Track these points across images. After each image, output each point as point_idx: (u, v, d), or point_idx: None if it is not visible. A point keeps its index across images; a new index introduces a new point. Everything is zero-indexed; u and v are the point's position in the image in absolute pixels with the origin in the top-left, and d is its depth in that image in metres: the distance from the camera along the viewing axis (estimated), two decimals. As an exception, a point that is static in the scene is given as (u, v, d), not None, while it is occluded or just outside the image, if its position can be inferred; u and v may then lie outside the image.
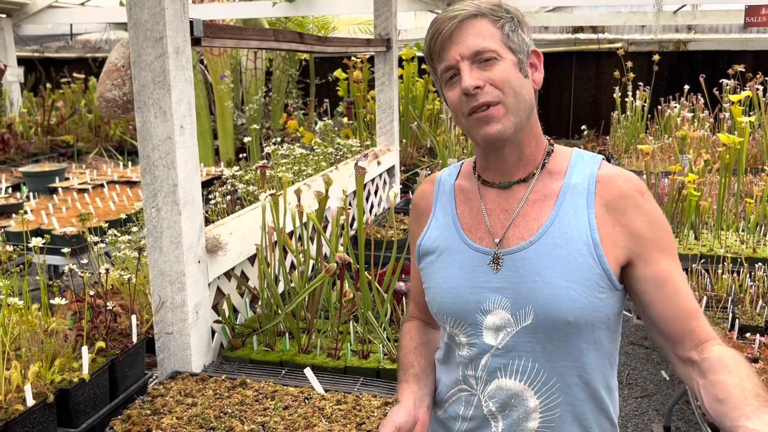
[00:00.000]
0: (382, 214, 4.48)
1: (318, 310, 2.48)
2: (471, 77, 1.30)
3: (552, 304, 1.31)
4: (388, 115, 4.77)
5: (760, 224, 3.81)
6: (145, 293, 2.56)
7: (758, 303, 2.80)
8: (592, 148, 7.53)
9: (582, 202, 1.35)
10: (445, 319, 1.43)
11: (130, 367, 2.13)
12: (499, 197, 1.42)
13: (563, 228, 1.33)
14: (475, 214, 1.44)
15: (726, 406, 1.17)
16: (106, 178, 5.61)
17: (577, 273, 1.30)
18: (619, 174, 1.38)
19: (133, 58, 2.10)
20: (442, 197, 1.51)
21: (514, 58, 1.34)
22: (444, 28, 1.33)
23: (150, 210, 2.18)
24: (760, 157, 5.59)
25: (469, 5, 1.35)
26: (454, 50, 1.32)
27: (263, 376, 2.19)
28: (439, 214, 1.50)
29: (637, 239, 1.33)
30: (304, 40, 3.19)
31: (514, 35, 1.35)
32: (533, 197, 1.39)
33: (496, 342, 1.36)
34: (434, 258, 1.46)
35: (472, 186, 1.47)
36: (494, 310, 1.36)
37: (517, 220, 1.38)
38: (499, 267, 1.37)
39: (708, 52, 9.03)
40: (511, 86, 1.32)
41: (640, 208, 1.34)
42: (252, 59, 7.67)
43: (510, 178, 1.41)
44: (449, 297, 1.41)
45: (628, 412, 3.84)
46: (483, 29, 1.33)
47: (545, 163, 1.41)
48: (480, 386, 1.40)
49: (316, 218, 2.54)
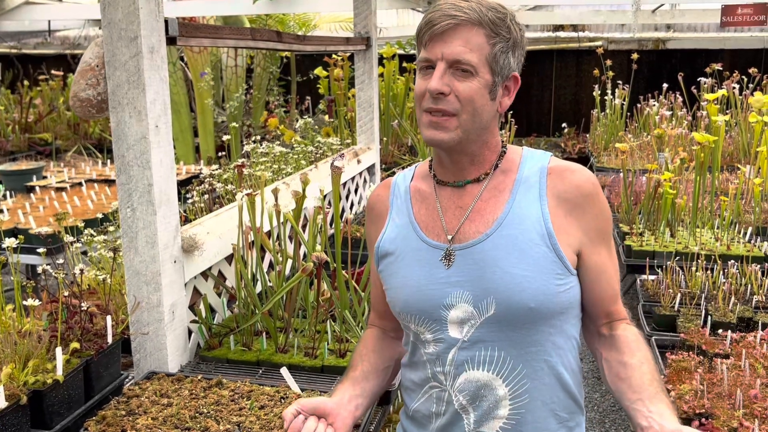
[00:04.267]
0: (362, 213, 4.49)
1: (295, 309, 2.48)
2: (439, 82, 1.33)
3: (512, 293, 1.35)
4: (369, 114, 4.78)
5: (734, 222, 3.87)
6: (121, 293, 2.55)
7: (731, 300, 2.85)
8: (573, 146, 7.59)
9: (534, 193, 1.39)
10: (409, 318, 1.45)
11: (106, 368, 2.12)
12: (453, 195, 1.46)
13: (518, 219, 1.38)
14: (431, 213, 1.47)
15: (626, 386, 1.37)
16: (85, 176, 5.56)
17: (534, 261, 1.35)
18: (568, 167, 1.44)
19: (107, 57, 2.09)
20: (397, 200, 1.54)
21: (489, 79, 1.35)
22: (439, 23, 1.33)
23: (125, 210, 2.17)
24: (735, 155, 5.67)
25: (475, 8, 1.33)
26: (439, 48, 1.33)
27: (240, 376, 2.19)
28: (395, 216, 1.52)
29: (585, 230, 1.40)
30: (282, 38, 3.18)
31: (501, 57, 1.35)
32: (486, 194, 1.43)
33: (461, 335, 1.39)
34: (393, 259, 1.48)
35: (427, 186, 1.51)
36: (457, 304, 1.39)
37: (472, 215, 1.42)
38: (450, 263, 1.40)
39: (686, 50, 9.13)
40: (472, 105, 1.34)
41: (589, 201, 1.40)
42: (233, 56, 7.63)
43: (464, 177, 1.45)
44: (411, 295, 1.44)
45: (606, 408, 3.88)
46: (475, 40, 1.33)
47: (498, 165, 1.45)
48: (449, 381, 1.42)
49: (293, 218, 2.54)
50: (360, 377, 1.55)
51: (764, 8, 5.66)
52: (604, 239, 1.44)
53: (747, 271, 3.06)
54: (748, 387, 2.14)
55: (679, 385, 2.23)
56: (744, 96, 6.15)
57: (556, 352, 1.39)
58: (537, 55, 9.35)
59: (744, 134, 5.64)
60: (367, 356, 1.60)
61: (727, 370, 2.24)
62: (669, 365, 2.39)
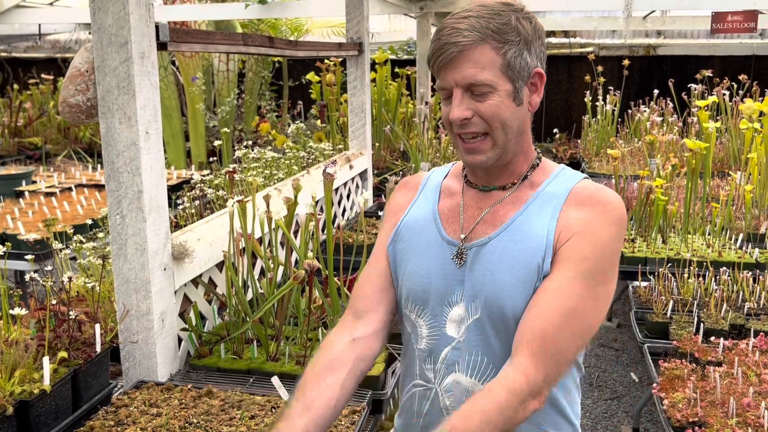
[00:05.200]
0: (354, 219, 4.47)
1: (287, 317, 2.46)
2: (460, 109, 1.33)
3: (495, 299, 1.35)
4: (361, 119, 4.77)
5: (725, 228, 3.88)
6: (111, 301, 2.52)
7: (723, 307, 2.85)
8: (564, 151, 7.60)
9: (548, 207, 1.38)
10: (413, 307, 1.46)
11: (94, 377, 2.09)
12: (477, 196, 1.47)
13: (522, 227, 1.37)
14: (453, 209, 1.48)
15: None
16: (75, 181, 5.52)
17: (524, 272, 1.34)
18: (598, 187, 1.41)
19: (97, 62, 2.07)
20: (428, 190, 1.56)
21: (510, 88, 1.33)
22: (445, 52, 1.32)
23: (114, 217, 2.15)
24: (726, 161, 5.69)
25: (474, 26, 1.30)
26: (451, 76, 1.34)
27: (231, 385, 2.16)
28: (421, 202, 1.54)
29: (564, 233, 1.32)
30: (274, 44, 3.17)
31: (516, 60, 1.33)
32: (507, 200, 1.43)
33: (458, 335, 1.40)
34: (408, 244, 1.49)
35: (457, 184, 1.53)
36: (459, 303, 1.40)
37: (486, 217, 1.43)
38: (461, 261, 1.41)
39: (677, 57, 9.17)
40: (499, 120, 1.34)
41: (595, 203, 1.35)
42: (224, 61, 7.61)
43: (492, 183, 1.46)
44: (421, 284, 1.44)
45: (598, 414, 3.87)
46: (483, 58, 1.31)
47: (527, 176, 1.45)
48: (438, 379, 1.42)
49: (284, 224, 2.52)
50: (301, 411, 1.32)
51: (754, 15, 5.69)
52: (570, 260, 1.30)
53: (739, 277, 3.06)
54: (741, 395, 2.14)
55: (672, 393, 2.23)
56: (734, 102, 6.18)
57: None
58: (529, 60, 9.35)
59: (735, 141, 5.66)
60: (319, 376, 1.38)
61: (720, 378, 2.24)
62: (662, 373, 2.38)
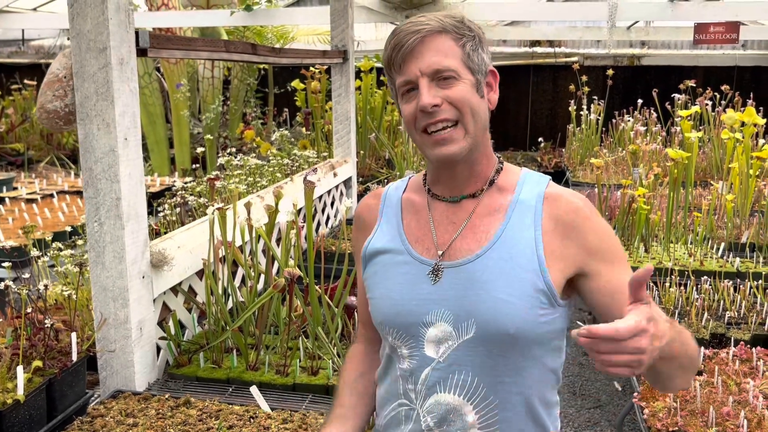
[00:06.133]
0: (338, 226, 4.46)
1: (267, 325, 2.44)
2: (429, 95, 1.30)
3: (494, 318, 1.31)
4: (345, 127, 4.76)
5: (707, 237, 3.90)
6: (89, 309, 2.49)
7: (704, 316, 2.86)
8: (549, 160, 7.64)
9: (529, 219, 1.36)
10: (388, 331, 1.42)
11: (70, 387, 2.06)
12: (447, 210, 1.42)
13: (510, 243, 1.34)
14: (422, 226, 1.43)
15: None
16: (57, 187, 5.47)
17: (520, 288, 1.31)
18: (566, 191, 1.41)
19: (76, 68, 2.04)
20: (388, 210, 1.50)
21: (473, 79, 1.34)
22: (406, 42, 1.31)
23: (92, 224, 2.12)
24: (708, 171, 5.73)
25: (433, 20, 1.33)
26: (415, 65, 1.31)
27: (209, 394, 2.14)
28: (384, 226, 1.49)
29: (587, 253, 1.34)
30: (258, 51, 3.16)
31: (474, 54, 1.34)
32: (482, 211, 1.40)
33: (437, 355, 1.36)
34: (378, 269, 1.45)
35: (421, 199, 1.47)
36: (436, 323, 1.36)
37: (465, 232, 1.38)
38: (437, 279, 1.37)
39: (661, 67, 9.26)
40: (469, 105, 1.32)
41: (588, 221, 1.36)
42: (209, 68, 7.58)
43: (460, 192, 1.42)
44: (393, 309, 1.40)
45: (581, 423, 3.87)
46: (445, 46, 1.31)
47: (494, 180, 1.42)
48: (419, 400, 1.39)
49: (265, 232, 2.50)
50: (349, 413, 1.50)
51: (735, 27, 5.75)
52: (610, 261, 1.34)
53: (720, 287, 3.07)
54: (720, 404, 2.14)
55: (652, 402, 2.23)
56: (717, 112, 6.23)
57: (532, 386, 1.35)
58: (514, 70, 9.42)
59: (717, 150, 5.71)
60: (354, 385, 1.54)
61: (700, 387, 2.24)
62: (642, 382, 2.38)
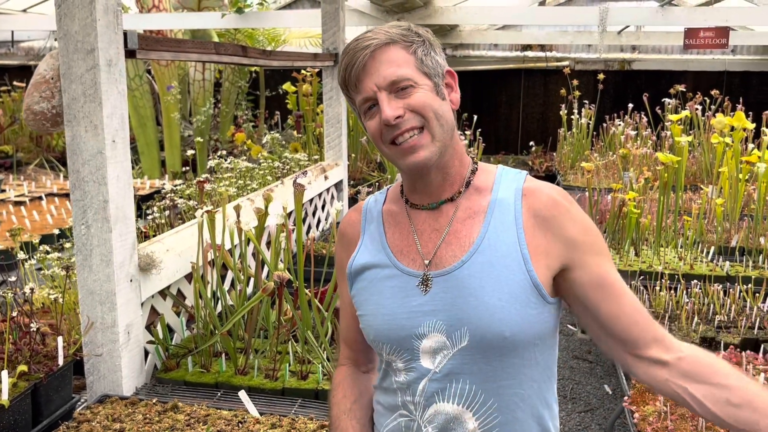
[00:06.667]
0: (329, 230, 4.44)
1: (256, 329, 2.43)
2: (390, 107, 1.30)
3: (487, 324, 1.29)
4: (336, 130, 4.75)
5: (697, 241, 3.91)
6: (76, 312, 2.47)
7: (694, 319, 2.86)
8: (540, 164, 7.65)
9: (510, 217, 1.35)
10: (382, 347, 1.40)
11: (56, 391, 2.04)
12: (429, 218, 1.41)
13: (493, 245, 1.33)
14: (405, 236, 1.42)
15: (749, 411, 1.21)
16: (46, 190, 5.43)
17: (509, 290, 1.30)
18: (543, 185, 1.40)
19: (63, 70, 2.03)
20: (370, 225, 1.49)
21: (430, 83, 1.33)
22: (357, 59, 1.31)
23: (79, 227, 2.10)
24: (698, 175, 5.75)
25: (380, 32, 1.33)
26: (370, 81, 1.31)
27: (197, 399, 2.12)
28: (367, 240, 1.47)
29: (570, 245, 1.33)
30: (248, 53, 3.14)
31: (427, 59, 1.34)
32: (462, 215, 1.38)
33: (433, 366, 1.34)
34: (366, 285, 1.43)
35: (400, 209, 1.46)
36: (429, 334, 1.34)
37: (449, 238, 1.37)
38: (427, 289, 1.35)
39: (651, 71, 9.30)
40: (432, 109, 1.32)
41: (569, 213, 1.35)
42: (200, 70, 7.56)
43: (437, 198, 1.40)
44: (384, 324, 1.38)
45: (572, 426, 3.87)
46: (397, 56, 1.31)
47: (470, 181, 1.41)
48: (419, 412, 1.37)
49: (254, 236, 2.49)
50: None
51: (725, 32, 5.79)
52: (595, 252, 1.33)
53: (709, 290, 3.08)
54: (710, 408, 2.14)
55: (642, 406, 2.22)
56: (706, 117, 6.26)
57: (530, 386, 1.35)
58: (505, 74, 9.43)
59: (706, 155, 5.73)
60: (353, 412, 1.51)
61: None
62: (633, 386, 2.38)
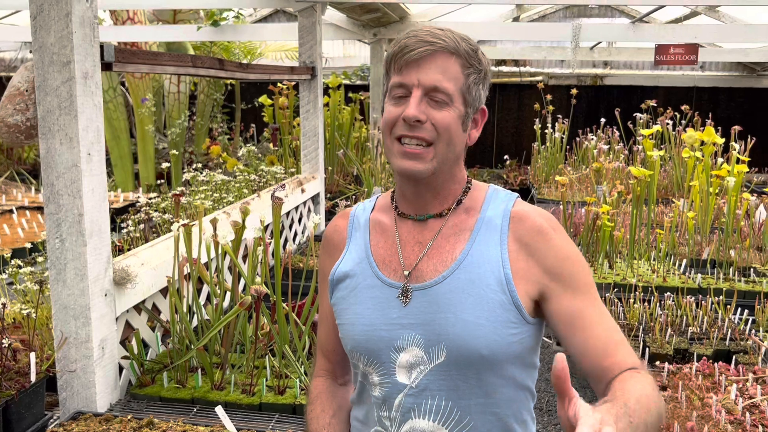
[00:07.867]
0: (306, 243, 4.43)
1: (233, 344, 2.41)
2: (417, 108, 1.28)
3: (464, 341, 1.29)
4: (313, 143, 4.75)
5: (669, 254, 3.97)
6: (49, 328, 2.43)
7: (667, 331, 2.90)
8: (515, 177, 7.71)
9: (495, 237, 1.35)
10: (359, 357, 1.39)
11: (28, 408, 2.00)
12: (414, 229, 1.40)
13: (476, 263, 1.33)
14: (389, 247, 1.41)
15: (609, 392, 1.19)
16: (16, 203, 5.34)
17: (488, 308, 1.29)
18: (532, 210, 1.39)
19: (38, 82, 2.00)
20: (356, 232, 1.48)
21: (463, 110, 1.32)
22: (417, 48, 1.28)
23: (53, 240, 2.07)
24: (670, 189, 5.85)
25: (449, 38, 1.30)
26: (415, 74, 1.29)
27: (173, 415, 2.09)
28: (352, 248, 1.46)
29: (549, 275, 1.32)
30: (225, 66, 3.14)
31: (474, 88, 1.33)
32: (447, 231, 1.38)
33: (409, 381, 1.33)
34: (347, 293, 1.42)
35: (388, 218, 1.45)
36: (408, 348, 1.33)
37: (431, 252, 1.36)
38: (407, 300, 1.34)
39: (623, 87, 9.45)
40: (449, 134, 1.31)
41: (550, 242, 1.34)
42: (175, 83, 7.52)
43: (425, 211, 1.40)
44: (363, 335, 1.37)
45: (548, 439, 3.88)
46: (451, 69, 1.30)
47: (461, 200, 1.40)
48: (394, 427, 1.35)
49: (231, 249, 2.47)
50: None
51: (694, 48, 5.91)
52: (571, 286, 1.31)
53: (682, 302, 3.13)
54: (684, 419, 2.17)
55: (618, 418, 2.24)
56: (677, 132, 6.38)
57: (506, 405, 1.34)
58: (480, 88, 9.50)
59: (678, 168, 5.83)
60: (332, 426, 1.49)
61: (665, 403, 2.26)
62: (609, 398, 2.40)
